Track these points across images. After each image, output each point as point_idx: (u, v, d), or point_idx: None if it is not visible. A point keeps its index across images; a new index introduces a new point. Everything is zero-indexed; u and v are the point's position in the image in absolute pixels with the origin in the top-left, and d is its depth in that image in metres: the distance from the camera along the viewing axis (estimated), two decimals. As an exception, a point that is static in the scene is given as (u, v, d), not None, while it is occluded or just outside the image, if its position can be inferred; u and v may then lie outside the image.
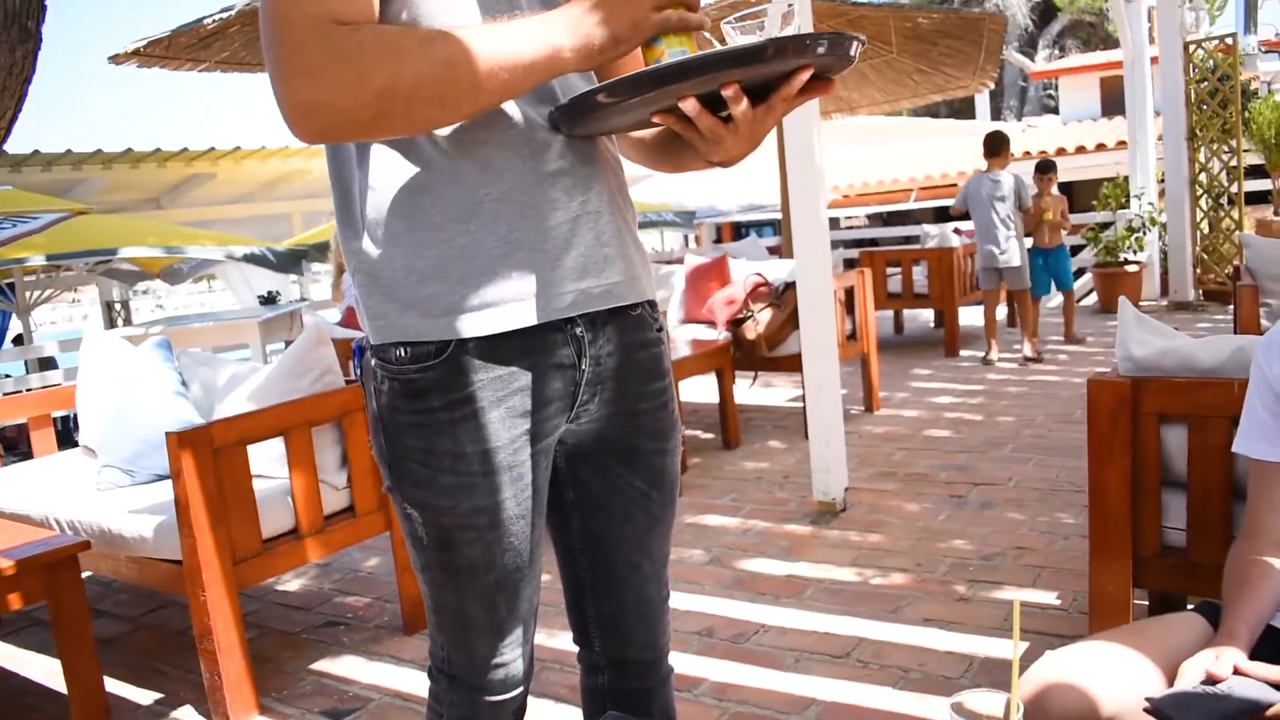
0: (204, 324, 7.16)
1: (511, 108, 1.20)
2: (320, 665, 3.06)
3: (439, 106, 1.06)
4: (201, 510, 2.62)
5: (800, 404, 5.53)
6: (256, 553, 2.80)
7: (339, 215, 1.28)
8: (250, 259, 7.25)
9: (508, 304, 1.21)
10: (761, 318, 5.34)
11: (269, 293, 8.89)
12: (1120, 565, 2.25)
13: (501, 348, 1.23)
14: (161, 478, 3.19)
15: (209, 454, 2.64)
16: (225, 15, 5.21)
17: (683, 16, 1.08)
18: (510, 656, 1.37)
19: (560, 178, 1.24)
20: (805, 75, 1.08)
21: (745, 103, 1.08)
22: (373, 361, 1.28)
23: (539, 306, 1.22)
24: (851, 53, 1.07)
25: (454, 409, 1.23)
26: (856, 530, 3.83)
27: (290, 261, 7.65)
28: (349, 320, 4.96)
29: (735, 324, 5.44)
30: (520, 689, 1.41)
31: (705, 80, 1.04)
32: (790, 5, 1.14)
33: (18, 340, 10.33)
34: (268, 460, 3.01)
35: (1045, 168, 7.43)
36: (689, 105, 1.08)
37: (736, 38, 1.13)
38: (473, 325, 1.20)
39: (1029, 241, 7.26)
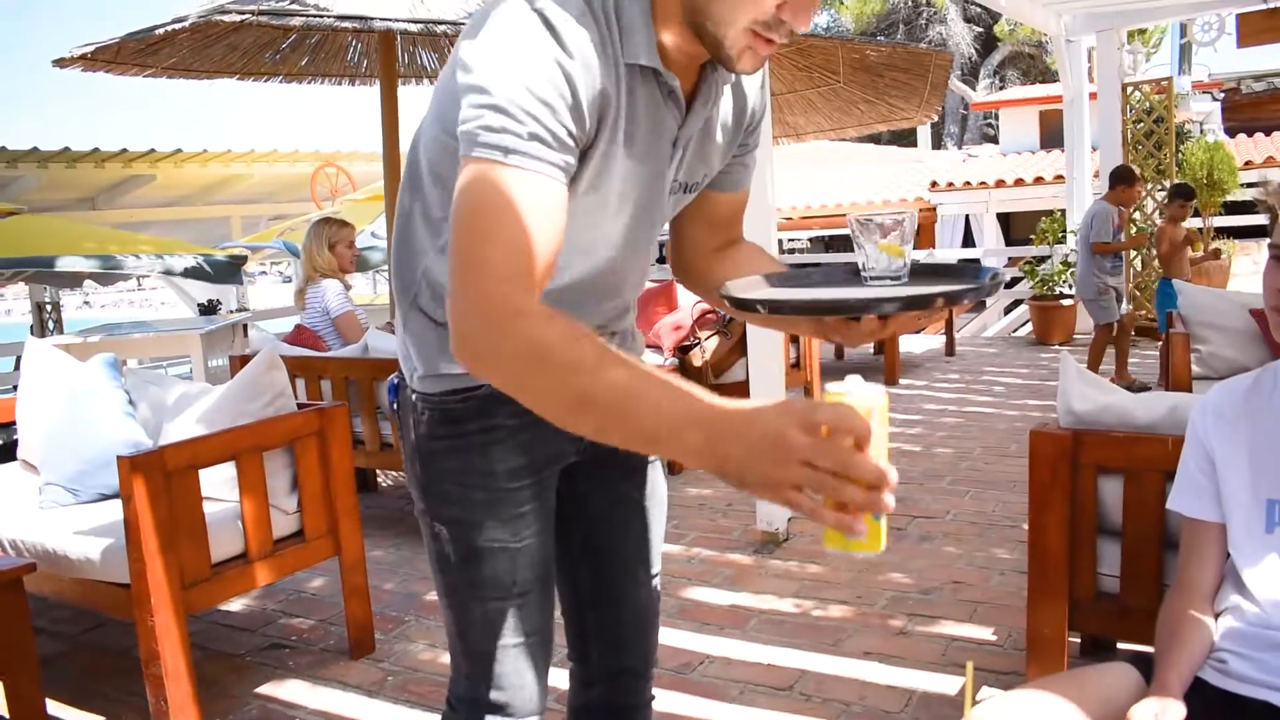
0: (144, 334, 7.04)
1: (605, 274, 1.40)
2: (265, 689, 3.05)
3: (559, 409, 1.08)
4: (151, 534, 2.61)
5: (744, 430, 5.60)
6: (206, 577, 2.79)
7: (399, 270, 1.41)
8: (188, 273, 7.14)
9: None
10: (708, 345, 5.42)
11: (209, 301, 8.76)
12: (1057, 609, 2.34)
13: None
14: (107, 497, 3.17)
15: (160, 478, 2.63)
16: (178, 25, 5.16)
17: (813, 511, 0.95)
18: (531, 675, 1.47)
19: (618, 303, 1.49)
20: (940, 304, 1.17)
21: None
22: (413, 396, 1.43)
23: None
24: (989, 294, 1.21)
25: (488, 433, 1.39)
26: (799, 560, 3.90)
27: (228, 272, 7.55)
28: (298, 338, 4.93)
29: (682, 351, 5.51)
30: (539, 713, 1.51)
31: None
32: (908, 213, 1.27)
33: None
34: (217, 483, 3.00)
35: (1177, 192, 7.12)
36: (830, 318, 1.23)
37: (859, 228, 1.26)
38: None
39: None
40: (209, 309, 8.54)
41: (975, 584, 3.55)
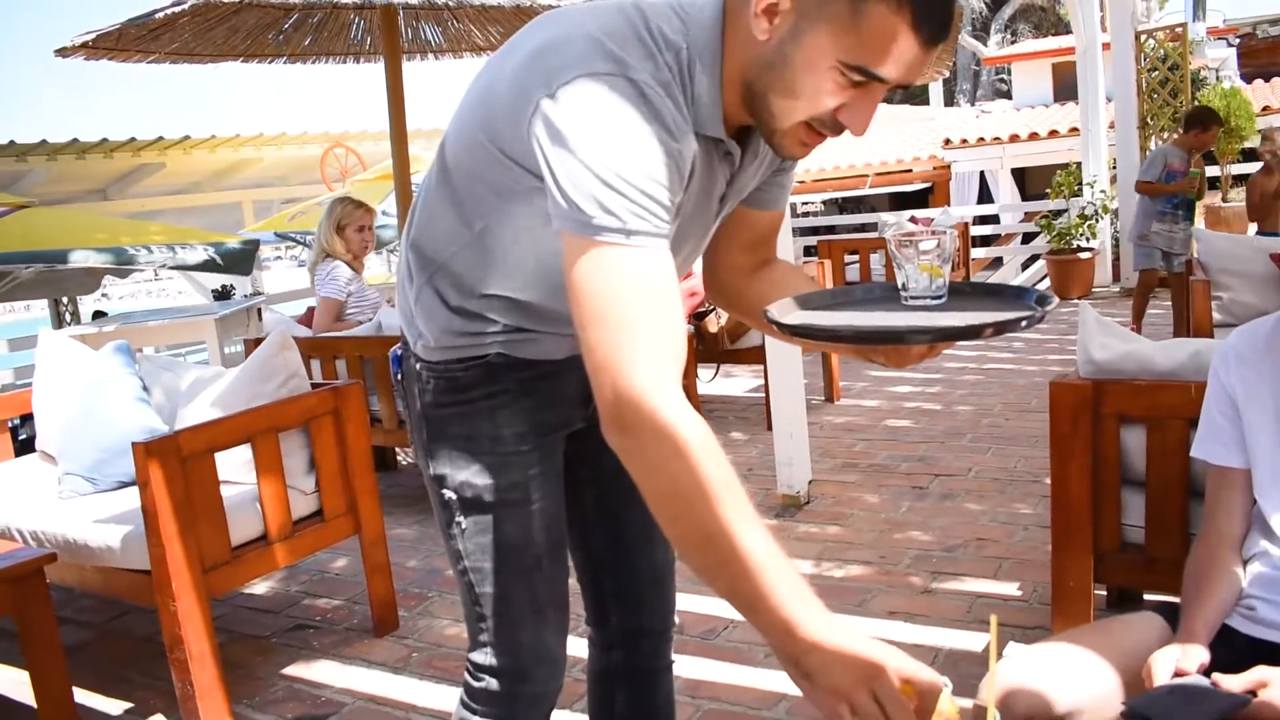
0: (159, 321, 7.05)
1: None
2: (291, 670, 3.06)
3: (676, 529, 1.09)
4: (170, 520, 2.61)
5: (760, 394, 5.58)
6: (226, 560, 2.79)
7: (417, 245, 1.39)
8: (200, 267, 7.02)
9: (544, 341, 1.40)
10: (724, 311, 5.37)
11: (223, 286, 8.76)
12: (1082, 561, 2.31)
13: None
14: (125, 485, 3.17)
15: (176, 463, 2.63)
16: (177, 9, 5.13)
17: None
18: (549, 641, 1.48)
19: None
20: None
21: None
22: (417, 365, 1.44)
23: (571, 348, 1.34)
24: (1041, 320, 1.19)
25: (493, 398, 1.41)
26: (820, 523, 3.89)
27: (240, 261, 7.43)
28: (311, 319, 4.92)
29: (698, 317, 5.46)
30: (559, 680, 1.51)
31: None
32: (946, 230, 1.30)
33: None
34: (234, 465, 3.00)
35: (1266, 138, 6.69)
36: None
37: (898, 247, 1.28)
38: (513, 350, 1.40)
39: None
40: (223, 294, 8.54)
41: (999, 540, 3.52)
